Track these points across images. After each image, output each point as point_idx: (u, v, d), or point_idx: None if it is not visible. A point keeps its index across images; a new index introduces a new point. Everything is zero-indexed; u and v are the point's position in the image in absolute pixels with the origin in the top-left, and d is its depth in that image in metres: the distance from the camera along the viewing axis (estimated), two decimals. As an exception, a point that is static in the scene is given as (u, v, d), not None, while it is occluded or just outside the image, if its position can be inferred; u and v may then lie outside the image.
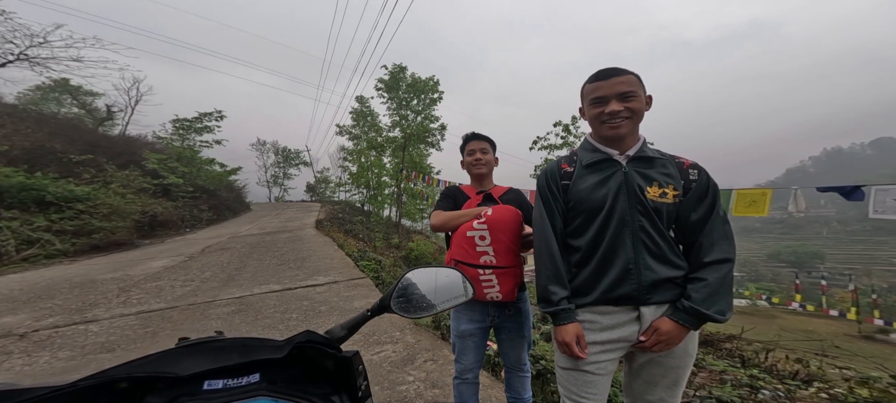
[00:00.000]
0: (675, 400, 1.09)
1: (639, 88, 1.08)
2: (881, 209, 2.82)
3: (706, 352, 4.13)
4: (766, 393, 2.43)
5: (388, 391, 2.18)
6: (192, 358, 0.49)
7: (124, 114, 16.29)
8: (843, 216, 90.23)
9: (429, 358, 2.60)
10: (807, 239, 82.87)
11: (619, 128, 1.07)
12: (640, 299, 1.03)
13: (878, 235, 79.02)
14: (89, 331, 3.26)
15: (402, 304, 0.71)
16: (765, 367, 3.42)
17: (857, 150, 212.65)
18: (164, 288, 4.66)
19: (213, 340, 0.54)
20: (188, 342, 0.54)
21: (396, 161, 16.32)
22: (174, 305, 3.98)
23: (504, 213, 1.41)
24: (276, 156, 33.00)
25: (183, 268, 5.83)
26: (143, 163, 12.24)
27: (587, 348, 1.08)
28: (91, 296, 4.36)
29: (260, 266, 5.85)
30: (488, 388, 2.16)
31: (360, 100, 17.45)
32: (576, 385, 1.10)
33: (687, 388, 2.11)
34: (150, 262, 6.46)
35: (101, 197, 9.05)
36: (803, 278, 31.94)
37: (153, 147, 14.85)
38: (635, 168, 1.09)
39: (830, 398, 2.14)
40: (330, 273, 5.31)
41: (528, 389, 1.61)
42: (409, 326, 3.23)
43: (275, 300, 4.09)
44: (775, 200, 3.74)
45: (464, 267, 1.39)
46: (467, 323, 1.50)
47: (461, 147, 1.72)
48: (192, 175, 14.37)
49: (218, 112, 17.41)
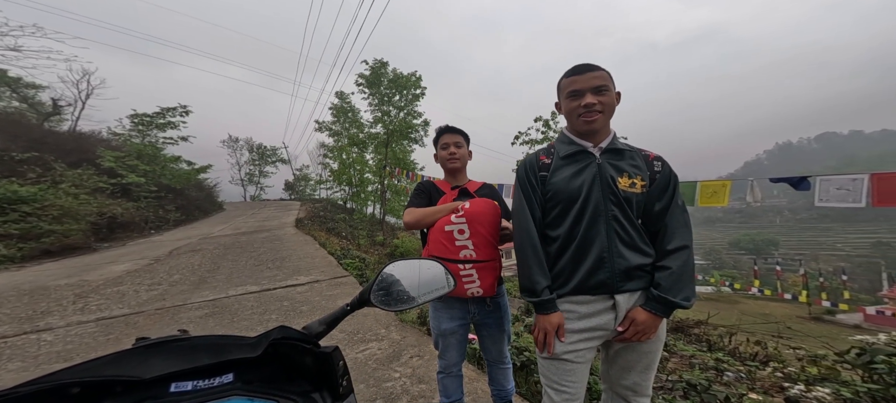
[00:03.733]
0: (647, 383, 1.15)
1: (610, 84, 1.14)
2: (825, 197, 3.06)
3: (677, 338, 4.38)
4: (730, 375, 2.61)
5: (374, 388, 2.16)
6: (156, 359, 0.46)
7: (73, 109, 15.00)
8: (793, 205, 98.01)
9: (415, 354, 2.59)
10: (763, 227, 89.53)
11: (593, 121, 1.12)
12: (614, 287, 1.07)
13: (824, 222, 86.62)
14: (42, 341, 3.00)
15: (382, 297, 0.69)
16: (729, 350, 3.68)
17: (805, 145, 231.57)
18: (126, 293, 4.36)
19: (177, 339, 0.50)
20: (148, 341, 0.49)
21: (379, 157, 16.04)
22: (139, 310, 3.73)
23: (482, 206, 1.41)
24: (250, 153, 31.52)
25: (148, 272, 5.48)
26: (97, 161, 11.38)
27: (566, 337, 1.11)
28: (43, 304, 4.01)
29: (235, 267, 5.60)
30: (474, 381, 2.18)
31: (340, 95, 16.98)
32: (556, 373, 1.13)
33: (660, 373, 2.23)
34: (110, 266, 6.02)
35: (49, 197, 8.34)
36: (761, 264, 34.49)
37: (109, 144, 13.80)
38: (607, 160, 1.14)
39: (785, 376, 2.32)
40: (312, 272, 5.16)
41: (510, 380, 1.64)
42: (394, 323, 3.20)
43: (252, 301, 3.93)
44: (734, 191, 3.99)
45: (443, 262, 1.37)
46: (448, 321, 1.49)
47: (434, 140, 1.69)
48: (155, 173, 13.47)
49: (183, 107, 16.38)
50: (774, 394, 2.05)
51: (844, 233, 77.61)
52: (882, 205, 2.76)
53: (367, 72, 14.23)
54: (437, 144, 1.66)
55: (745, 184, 4.13)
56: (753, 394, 2.00)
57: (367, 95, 14.57)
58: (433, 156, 1.71)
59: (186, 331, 0.54)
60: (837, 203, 3.01)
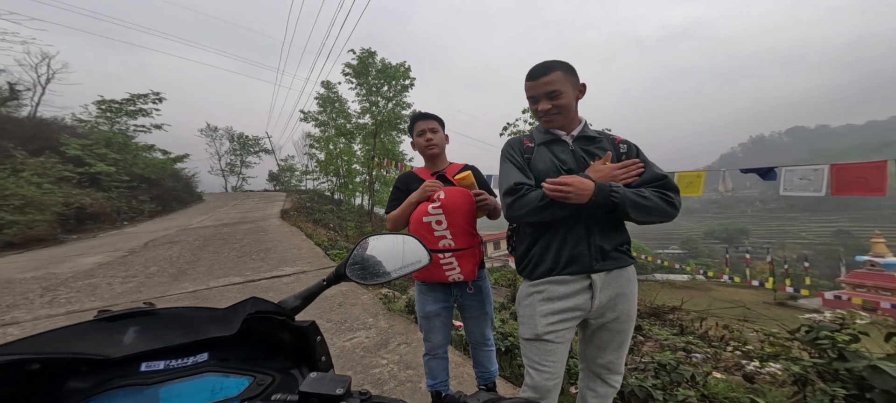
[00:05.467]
0: (620, 362, 1.24)
1: (565, 84, 1.17)
2: (789, 187, 3.23)
3: (652, 324, 4.60)
4: (698, 356, 2.80)
5: (361, 375, 2.18)
6: (124, 336, 0.43)
7: (33, 94, 14.02)
8: (763, 196, 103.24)
9: (402, 341, 2.63)
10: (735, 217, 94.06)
11: (551, 122, 1.21)
12: (591, 267, 1.13)
13: (791, 212, 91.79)
14: (7, 334, 2.86)
15: (358, 271, 0.69)
16: (699, 334, 3.91)
17: (776, 138, 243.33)
18: (99, 286, 4.19)
19: (143, 311, 0.46)
20: (110, 314, 0.45)
21: (367, 148, 15.78)
22: (113, 303, 3.60)
23: (457, 196, 1.44)
24: (231, 142, 30.27)
25: (122, 264, 5.27)
26: (62, 149, 10.75)
27: (545, 317, 1.16)
28: (8, 297, 3.81)
29: (217, 259, 5.45)
30: (460, 366, 2.23)
31: (326, 85, 16.52)
32: (538, 354, 1.18)
33: (635, 356, 2.36)
34: (79, 259, 5.75)
35: (10, 186, 7.88)
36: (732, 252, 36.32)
37: (74, 131, 13.06)
38: (580, 146, 1.21)
39: (744, 354, 2.51)
40: (298, 263, 5.09)
41: (493, 362, 1.70)
42: (382, 312, 3.22)
43: (235, 293, 3.86)
44: (709, 182, 4.18)
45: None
46: (432, 303, 1.53)
47: (409, 128, 1.69)
48: (126, 162, 12.86)
49: (155, 94, 15.61)
50: (735, 372, 2.21)
51: (808, 222, 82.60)
52: (841, 194, 2.95)
53: (354, 61, 13.86)
54: (413, 132, 1.65)
55: (717, 174, 4.32)
56: (717, 373, 2.15)
57: (354, 85, 14.23)
58: (411, 144, 1.71)
59: (153, 304, 0.50)
60: (800, 192, 3.18)
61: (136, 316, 0.46)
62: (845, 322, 1.74)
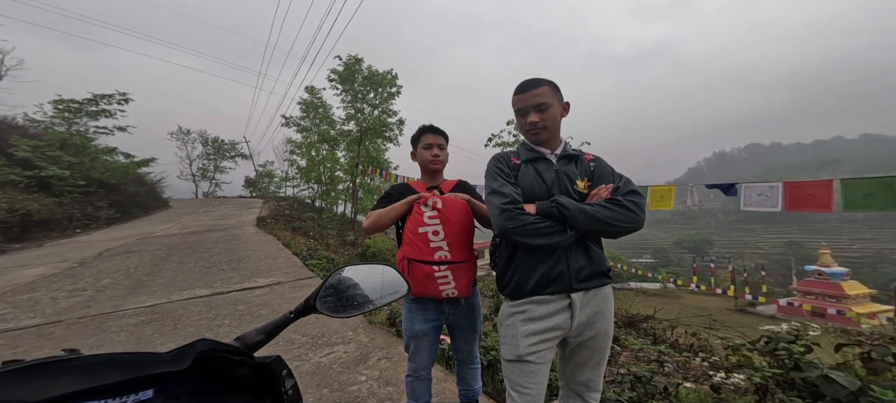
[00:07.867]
0: (599, 379, 1.25)
1: (553, 99, 1.21)
2: (749, 202, 3.48)
3: (628, 333, 4.74)
4: (670, 366, 2.89)
5: (339, 393, 2.09)
6: (43, 381, 0.36)
7: (-20, 91, 12.85)
8: (725, 208, 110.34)
9: (383, 356, 2.55)
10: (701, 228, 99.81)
11: (538, 135, 1.23)
12: (571, 286, 1.14)
13: (749, 224, 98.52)
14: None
15: (331, 303, 0.64)
16: (670, 343, 4.06)
17: (736, 154, 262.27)
18: (41, 301, 3.83)
19: (61, 360, 0.38)
20: (18, 366, 0.37)
21: (351, 155, 15.51)
22: (56, 320, 3.29)
23: (454, 205, 1.39)
24: (204, 147, 28.79)
25: (69, 276, 4.84)
26: (10, 150, 9.91)
27: (526, 338, 1.16)
28: (-68, 319, 3.39)
29: (181, 269, 5.12)
30: (442, 382, 2.19)
31: (310, 90, 16.19)
32: (520, 376, 1.18)
33: (612, 367, 2.42)
34: (20, 270, 5.25)
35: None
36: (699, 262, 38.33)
37: (25, 132, 12.05)
38: (563, 166, 1.24)
39: (711, 364, 2.63)
40: (273, 274, 4.86)
41: (478, 380, 1.68)
42: (362, 325, 3.13)
43: (201, 306, 3.62)
44: (678, 196, 4.44)
45: (418, 264, 1.36)
46: (422, 323, 1.47)
47: (414, 138, 1.62)
48: (83, 166, 11.93)
49: (122, 94, 14.67)
50: (703, 382, 2.31)
51: (765, 234, 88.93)
52: (793, 210, 3.20)
53: (340, 67, 13.69)
54: (418, 143, 1.59)
55: (685, 189, 4.59)
56: (687, 383, 2.24)
57: (339, 91, 14.03)
58: (411, 154, 1.65)
59: (77, 350, 0.42)
60: (758, 207, 3.44)
61: (54, 364, 0.38)
62: (800, 333, 1.87)
